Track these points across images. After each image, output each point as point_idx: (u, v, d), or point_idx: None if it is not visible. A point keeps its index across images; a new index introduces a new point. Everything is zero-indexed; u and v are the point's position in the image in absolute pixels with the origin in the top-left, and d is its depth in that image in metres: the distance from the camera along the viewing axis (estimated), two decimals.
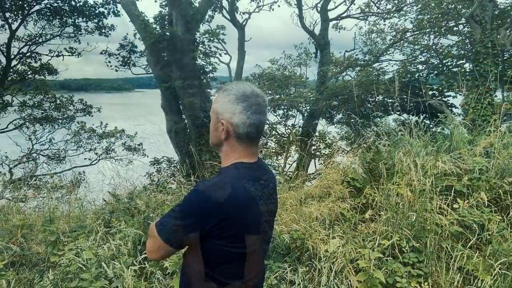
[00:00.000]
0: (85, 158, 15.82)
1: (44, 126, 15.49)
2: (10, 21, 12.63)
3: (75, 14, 13.21)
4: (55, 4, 12.87)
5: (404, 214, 3.37)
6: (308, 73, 16.94)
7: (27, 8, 12.61)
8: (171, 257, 3.00)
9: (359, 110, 12.51)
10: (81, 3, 12.85)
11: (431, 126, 8.56)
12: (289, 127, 14.81)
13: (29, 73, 14.12)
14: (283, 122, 14.72)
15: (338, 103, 14.40)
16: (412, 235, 3.20)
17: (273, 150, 14.85)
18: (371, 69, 12.62)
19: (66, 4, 13.00)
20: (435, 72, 12.95)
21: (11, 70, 13.69)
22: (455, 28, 11.87)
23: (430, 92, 12.30)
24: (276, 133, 15.24)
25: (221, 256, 1.42)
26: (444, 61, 12.35)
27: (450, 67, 12.25)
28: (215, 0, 12.69)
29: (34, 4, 12.68)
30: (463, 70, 11.35)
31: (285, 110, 14.37)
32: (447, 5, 10.63)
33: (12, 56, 13.22)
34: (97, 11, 13.28)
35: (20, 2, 12.33)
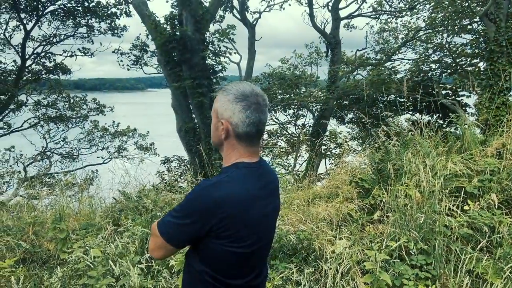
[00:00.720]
0: (97, 157, 16.04)
1: (58, 125, 15.74)
2: (25, 21, 12.89)
3: (88, 14, 13.41)
4: (69, 5, 13.09)
5: (412, 216, 3.32)
6: (319, 73, 16.84)
7: (41, 9, 12.84)
8: (177, 256, 3.02)
9: (370, 109, 12.40)
10: (94, 4, 13.03)
11: (444, 126, 8.43)
12: (299, 127, 14.75)
13: (43, 72, 14.39)
14: (293, 121, 14.67)
15: (349, 103, 14.29)
16: (420, 237, 3.15)
17: (283, 150, 14.83)
18: (382, 68, 12.47)
19: (79, 5, 13.20)
20: (449, 71, 12.74)
21: (26, 69, 13.97)
22: (469, 27, 11.65)
23: (444, 92, 12.12)
24: (287, 133, 15.20)
25: (221, 256, 1.42)
26: (457, 60, 12.14)
27: (464, 66, 12.03)
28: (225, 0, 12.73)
29: (48, 5, 12.91)
30: (477, 69, 11.15)
31: (295, 110, 14.32)
32: (461, 3, 10.44)
33: (27, 56, 13.49)
34: (109, 12, 13.46)
35: (35, 3, 12.55)
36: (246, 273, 1.51)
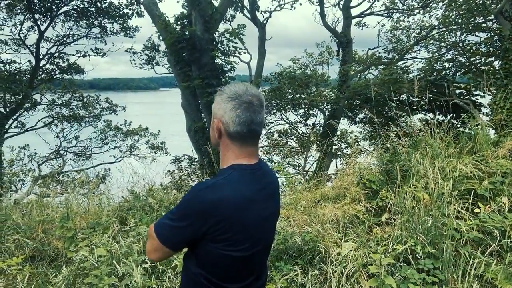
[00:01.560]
0: (110, 156, 16.25)
1: (72, 124, 15.99)
2: (39, 22, 13.11)
3: (101, 15, 13.57)
4: (82, 6, 13.26)
5: (420, 219, 3.25)
6: (331, 72, 16.70)
7: (55, 9, 13.04)
8: (180, 256, 3.02)
9: (382, 109, 12.22)
10: (106, 5, 13.17)
11: (458, 126, 8.26)
12: (310, 126, 14.66)
13: (57, 72, 14.63)
14: (303, 121, 14.59)
15: (360, 102, 14.12)
16: (428, 241, 3.08)
17: (293, 150, 14.76)
18: (394, 68, 12.29)
19: (92, 6, 13.37)
20: (463, 70, 12.47)
21: (40, 69, 14.22)
22: (483, 25, 11.38)
23: (458, 91, 11.87)
24: (297, 133, 15.13)
25: (218, 260, 1.41)
26: (471, 59, 11.87)
27: (479, 65, 11.76)
28: None
29: (62, 5, 13.10)
30: (492, 68, 10.88)
31: (306, 109, 14.24)
32: (475, 0, 10.22)
33: (41, 56, 13.73)
34: (121, 12, 13.60)
35: (49, 4, 12.75)
36: (244, 277, 1.50)
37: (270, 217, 1.56)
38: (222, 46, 10.18)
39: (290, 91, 12.78)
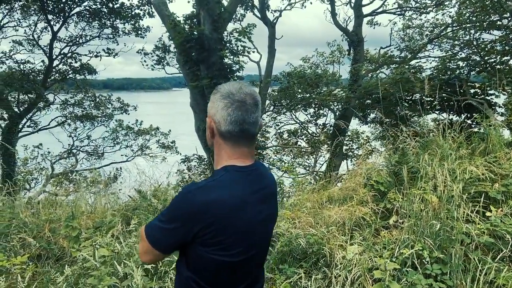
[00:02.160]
0: (121, 155, 16.41)
1: (84, 124, 16.20)
2: (52, 23, 13.32)
3: (113, 16, 13.70)
4: (94, 6, 13.41)
5: (428, 222, 3.16)
6: (342, 71, 16.52)
7: (68, 10, 13.22)
8: None
9: (394, 109, 12.01)
10: (118, 5, 13.29)
11: (472, 126, 8.06)
12: (320, 126, 14.54)
13: (70, 72, 14.84)
14: (313, 121, 14.48)
15: (372, 102, 13.92)
16: (436, 245, 2.99)
17: (303, 150, 14.66)
18: (406, 67, 12.08)
19: (104, 6, 13.50)
20: (477, 69, 12.17)
21: (53, 69, 14.44)
22: (498, 23, 11.07)
23: (472, 91, 11.59)
24: (307, 132, 15.02)
25: (208, 264, 1.37)
26: (486, 58, 11.57)
27: (493, 64, 11.46)
28: None
29: (75, 6, 13.28)
30: (507, 67, 10.60)
31: (316, 109, 14.11)
32: None
33: (54, 57, 13.94)
34: (133, 13, 13.71)
35: (62, 5, 12.94)
36: (236, 282, 1.45)
37: (265, 220, 1.51)
38: (231, 46, 10.13)
39: (299, 90, 12.67)
